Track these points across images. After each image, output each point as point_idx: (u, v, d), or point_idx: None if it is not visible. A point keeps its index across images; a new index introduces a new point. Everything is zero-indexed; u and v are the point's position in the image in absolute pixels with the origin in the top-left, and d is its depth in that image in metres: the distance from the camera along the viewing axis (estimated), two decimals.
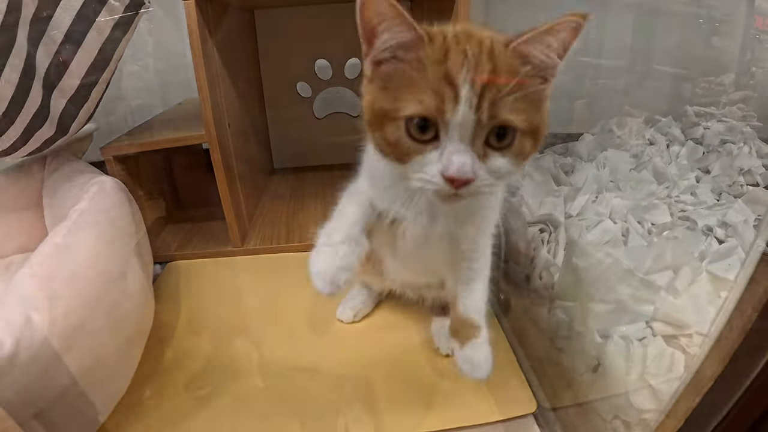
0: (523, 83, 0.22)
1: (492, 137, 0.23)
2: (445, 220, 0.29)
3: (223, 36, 0.56)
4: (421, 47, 0.23)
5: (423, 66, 0.23)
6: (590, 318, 0.40)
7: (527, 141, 0.24)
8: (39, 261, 0.36)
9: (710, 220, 0.48)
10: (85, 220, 0.41)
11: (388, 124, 0.24)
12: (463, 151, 0.22)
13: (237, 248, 0.61)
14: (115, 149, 0.56)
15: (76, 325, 0.34)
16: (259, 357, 0.45)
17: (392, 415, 0.39)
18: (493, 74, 0.22)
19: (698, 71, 0.81)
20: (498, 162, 0.23)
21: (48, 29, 0.45)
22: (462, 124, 0.22)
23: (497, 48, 0.23)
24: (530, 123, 0.23)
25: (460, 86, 0.22)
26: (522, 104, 0.23)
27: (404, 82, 0.23)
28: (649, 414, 0.34)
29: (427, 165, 0.23)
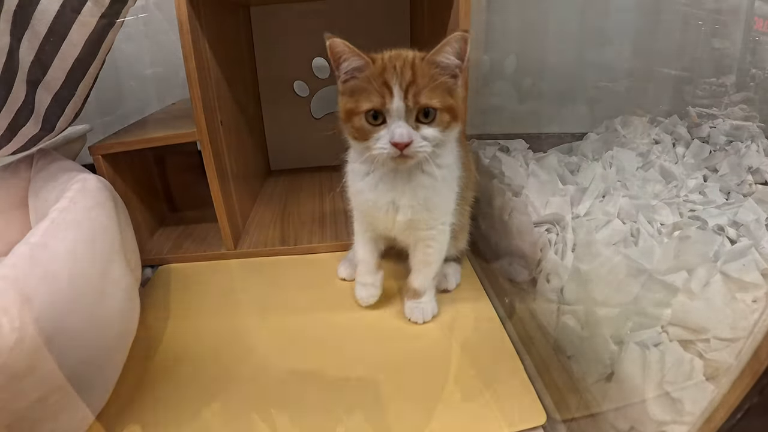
0: (434, 79, 0.35)
1: (420, 115, 0.36)
2: (405, 209, 0.40)
3: (216, 32, 0.54)
4: (368, 68, 0.36)
5: (370, 79, 0.36)
6: (603, 323, 0.38)
7: (445, 115, 0.36)
8: (12, 262, 0.34)
9: (721, 220, 0.47)
10: (64, 219, 0.38)
11: (354, 117, 0.37)
12: (402, 126, 0.35)
13: (230, 251, 0.59)
14: (104, 148, 0.54)
15: (50, 330, 0.32)
16: (253, 362, 0.43)
17: (394, 425, 0.36)
18: (413, 78, 0.35)
19: (699, 73, 0.81)
20: (427, 131, 0.36)
21: (32, 21, 0.43)
22: (397, 109, 0.35)
23: (416, 61, 0.36)
24: (444, 104, 0.36)
25: (393, 87, 0.35)
26: (436, 93, 0.35)
27: (361, 90, 0.36)
28: (669, 426, 0.32)
29: (381, 139, 0.36)
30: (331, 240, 0.60)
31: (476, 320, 0.47)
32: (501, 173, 0.57)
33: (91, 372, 0.36)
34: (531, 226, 0.48)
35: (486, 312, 0.48)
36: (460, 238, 0.49)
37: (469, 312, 0.48)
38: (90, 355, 0.36)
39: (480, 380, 0.40)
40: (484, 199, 0.58)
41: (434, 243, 0.42)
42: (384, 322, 0.47)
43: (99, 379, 0.37)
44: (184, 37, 0.47)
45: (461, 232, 0.48)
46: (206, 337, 0.46)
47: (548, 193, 0.52)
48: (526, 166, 0.58)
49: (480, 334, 0.45)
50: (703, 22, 0.81)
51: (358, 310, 0.49)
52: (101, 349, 0.38)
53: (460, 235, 0.48)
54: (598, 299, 0.39)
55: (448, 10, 0.51)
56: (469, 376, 0.40)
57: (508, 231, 0.51)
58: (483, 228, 0.58)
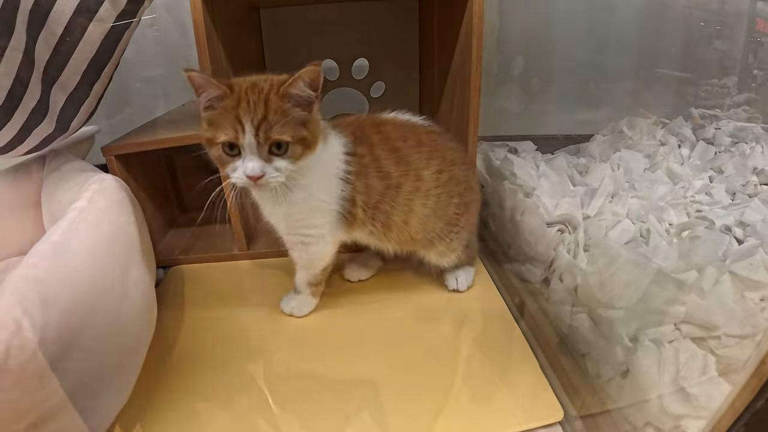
0: (286, 114, 0.37)
1: (273, 148, 0.37)
2: (269, 216, 0.44)
3: (228, 34, 0.55)
4: (226, 97, 0.37)
5: (227, 111, 0.36)
6: (618, 321, 0.38)
7: (297, 148, 0.38)
8: (32, 262, 0.33)
9: (727, 220, 0.48)
10: (84, 219, 0.38)
11: (213, 147, 0.38)
12: (254, 160, 0.37)
13: (242, 252, 0.59)
14: (117, 148, 0.53)
15: (73, 331, 0.32)
16: (265, 362, 0.43)
17: (411, 422, 0.37)
18: (264, 115, 0.36)
19: (701, 74, 0.82)
20: (279, 163, 0.38)
21: (48, 21, 0.43)
22: (249, 144, 0.36)
23: (271, 95, 0.37)
24: (296, 137, 0.37)
25: (245, 124, 0.36)
26: (287, 127, 0.37)
27: (218, 120, 0.37)
28: (685, 420, 0.32)
29: (236, 170, 0.37)
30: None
31: (489, 319, 0.48)
32: (512, 174, 0.58)
33: (112, 372, 0.36)
34: (544, 226, 0.49)
35: (499, 310, 0.48)
36: (455, 247, 0.48)
37: (482, 311, 0.49)
38: (112, 356, 0.36)
39: (496, 377, 0.40)
40: (495, 201, 0.59)
41: (295, 248, 0.45)
42: (396, 321, 0.48)
43: (121, 378, 0.37)
44: (199, 38, 0.48)
45: (447, 241, 0.48)
46: (219, 338, 0.46)
47: (559, 194, 0.53)
48: (536, 167, 0.58)
49: (494, 333, 0.46)
50: (705, 23, 0.82)
51: (368, 311, 0.49)
52: (123, 349, 0.38)
53: (454, 245, 0.48)
54: (613, 298, 0.40)
55: (460, 14, 0.51)
56: (485, 373, 0.41)
57: (520, 231, 0.51)
58: (493, 229, 0.59)
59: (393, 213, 0.44)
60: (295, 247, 0.46)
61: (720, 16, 0.82)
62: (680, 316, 0.37)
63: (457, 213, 0.47)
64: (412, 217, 0.45)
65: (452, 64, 0.57)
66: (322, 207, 0.42)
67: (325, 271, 0.47)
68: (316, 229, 0.43)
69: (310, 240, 0.44)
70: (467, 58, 0.50)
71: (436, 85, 0.64)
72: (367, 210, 0.44)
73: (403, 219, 0.45)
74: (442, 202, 0.46)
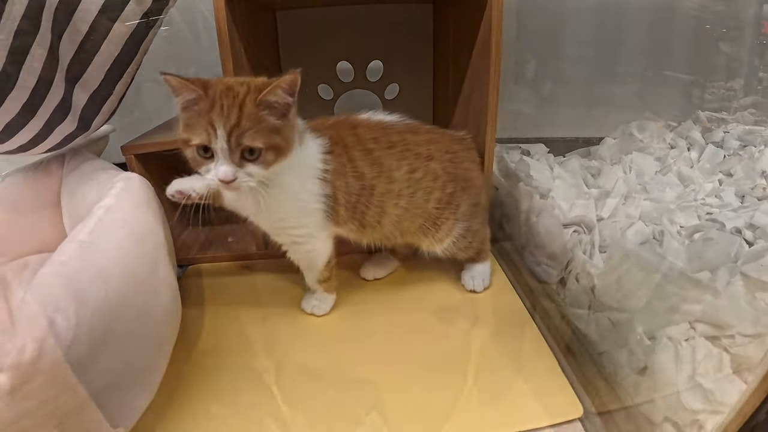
0: (260, 121, 0.37)
1: (246, 153, 0.37)
2: (258, 218, 0.44)
3: (248, 35, 0.55)
4: (201, 100, 0.37)
5: (201, 114, 0.37)
6: (635, 319, 0.40)
7: (270, 154, 0.38)
8: (63, 259, 0.34)
9: (737, 222, 0.49)
10: (111, 218, 0.39)
11: (188, 148, 0.38)
12: (226, 164, 0.37)
13: (260, 251, 0.60)
14: (136, 147, 0.54)
15: (104, 328, 0.32)
16: (279, 362, 0.43)
17: (432, 417, 0.37)
18: (237, 120, 0.36)
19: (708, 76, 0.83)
20: (250, 168, 0.38)
21: (73, 19, 0.43)
22: (222, 149, 0.37)
23: (246, 101, 0.37)
24: (269, 144, 0.37)
25: (217, 129, 0.36)
26: (260, 134, 0.37)
27: (193, 123, 0.37)
28: (702, 414, 0.34)
29: (209, 172, 0.38)
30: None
31: (506, 318, 0.49)
32: (528, 176, 0.59)
33: (141, 369, 0.37)
34: (560, 227, 0.50)
35: (516, 310, 0.49)
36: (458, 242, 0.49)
37: (498, 310, 0.50)
38: (140, 353, 0.37)
39: (515, 374, 0.41)
40: (510, 202, 0.60)
41: (288, 248, 0.47)
42: (412, 320, 0.48)
43: (148, 375, 0.38)
44: (222, 40, 0.48)
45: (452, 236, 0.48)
46: (235, 336, 0.47)
47: (573, 196, 0.54)
48: (551, 169, 0.59)
49: (511, 332, 0.47)
50: (711, 26, 0.83)
51: (383, 310, 0.50)
52: (150, 347, 0.38)
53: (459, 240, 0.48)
54: (630, 297, 0.41)
55: (479, 17, 0.52)
56: (504, 371, 0.42)
57: (536, 233, 0.52)
58: (508, 230, 0.60)
59: (367, 213, 0.45)
60: (289, 248, 0.46)
61: (726, 18, 0.83)
62: (696, 315, 0.38)
63: (437, 207, 0.47)
64: (384, 217, 0.45)
65: (469, 67, 0.57)
66: (305, 207, 0.43)
67: (328, 267, 0.48)
68: (303, 228, 0.44)
69: (299, 240, 0.45)
70: (486, 60, 0.51)
71: (452, 87, 0.65)
72: (348, 209, 0.44)
73: (376, 219, 0.45)
74: (417, 201, 0.46)
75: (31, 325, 0.28)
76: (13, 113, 0.43)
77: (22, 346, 0.27)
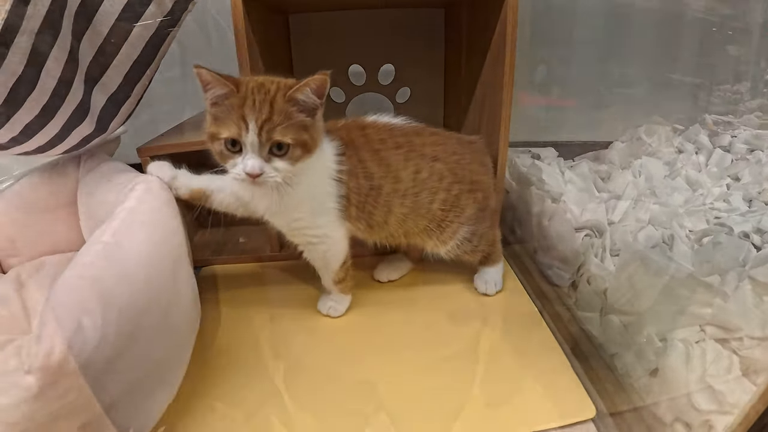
0: (290, 117, 0.38)
1: (274, 149, 0.39)
2: (275, 217, 0.45)
3: (263, 38, 0.55)
4: (232, 95, 0.38)
5: (232, 108, 0.38)
6: (647, 322, 0.40)
7: (297, 150, 0.39)
8: (88, 261, 0.34)
9: (745, 227, 0.50)
10: (134, 220, 0.39)
11: (216, 141, 0.39)
12: (254, 158, 0.38)
13: (274, 253, 0.60)
14: (152, 150, 0.54)
15: (130, 329, 0.33)
16: (291, 363, 0.44)
17: (447, 416, 0.38)
18: (269, 115, 0.37)
19: (714, 79, 0.84)
20: (278, 163, 0.39)
21: (93, 22, 0.43)
22: (252, 143, 0.38)
23: (277, 97, 0.38)
24: (297, 140, 0.39)
25: (249, 123, 0.37)
26: (289, 129, 0.38)
27: (223, 117, 0.38)
28: (713, 415, 0.35)
29: (236, 165, 0.39)
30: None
31: (519, 320, 0.49)
32: (540, 180, 0.60)
33: (163, 369, 0.38)
34: (572, 231, 0.51)
35: (528, 313, 0.50)
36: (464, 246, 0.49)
37: (511, 312, 0.51)
38: (163, 354, 0.37)
39: (528, 375, 0.42)
40: (521, 206, 0.60)
41: (304, 248, 0.47)
42: (425, 322, 0.49)
43: (170, 375, 0.39)
44: (240, 44, 0.48)
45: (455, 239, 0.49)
46: (249, 337, 0.47)
47: (584, 200, 0.54)
48: (562, 174, 0.60)
49: (523, 334, 0.47)
50: (717, 29, 0.84)
51: (396, 312, 0.50)
52: (173, 347, 0.39)
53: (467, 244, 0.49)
54: (642, 300, 0.42)
55: (493, 21, 0.52)
56: (517, 372, 0.42)
57: (549, 236, 0.53)
58: (520, 234, 0.61)
59: (374, 213, 0.46)
60: (305, 248, 0.47)
61: (733, 21, 0.84)
62: (706, 317, 0.39)
63: (442, 209, 0.47)
64: (390, 217, 0.46)
65: (482, 72, 0.58)
66: (321, 207, 0.44)
67: (343, 268, 0.48)
68: (319, 229, 0.45)
69: (315, 240, 0.46)
70: (500, 66, 0.52)
71: (464, 91, 0.65)
72: (358, 208, 0.45)
73: (383, 219, 0.46)
74: (422, 201, 0.46)
75: (59, 327, 0.28)
76: (33, 114, 0.44)
77: (50, 348, 0.27)
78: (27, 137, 0.46)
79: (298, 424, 0.38)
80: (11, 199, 0.56)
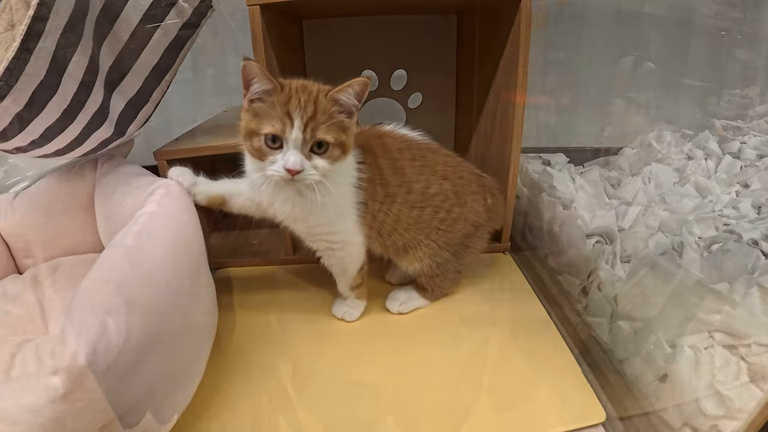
0: (332, 117, 0.39)
1: (315, 147, 0.39)
2: (279, 215, 0.44)
3: (279, 44, 0.56)
4: (275, 93, 0.39)
5: (275, 105, 0.38)
6: (657, 328, 0.41)
7: (336, 150, 0.40)
8: (111, 265, 0.35)
9: (754, 234, 0.50)
10: (155, 224, 0.40)
11: (255, 138, 0.39)
12: (296, 154, 0.38)
13: (289, 256, 0.61)
14: (169, 153, 0.55)
15: (153, 331, 0.33)
16: (302, 365, 0.45)
17: (458, 419, 0.38)
18: (313, 113, 0.38)
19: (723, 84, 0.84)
20: (318, 161, 0.40)
21: (114, 28, 0.44)
22: (295, 139, 0.38)
23: (320, 97, 0.39)
24: (337, 139, 0.40)
25: (294, 119, 0.38)
26: (331, 129, 0.39)
27: (265, 113, 0.39)
28: (721, 420, 0.35)
29: (276, 162, 0.39)
30: None
31: (529, 325, 0.50)
32: (551, 187, 0.60)
33: (184, 371, 0.38)
34: (583, 238, 0.51)
35: (539, 318, 0.51)
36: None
37: (521, 317, 0.51)
38: (183, 356, 0.38)
39: (539, 379, 0.43)
40: (532, 212, 0.61)
41: (323, 254, 0.47)
42: (435, 325, 0.50)
43: (189, 377, 0.39)
44: (257, 51, 0.49)
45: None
46: (262, 339, 0.48)
47: (595, 206, 0.55)
48: (573, 180, 0.61)
49: (534, 338, 0.48)
50: (726, 33, 0.84)
51: (408, 314, 0.51)
52: (192, 349, 0.40)
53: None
54: (652, 306, 0.43)
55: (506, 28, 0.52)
56: (528, 376, 0.43)
57: (560, 242, 0.54)
58: (530, 239, 0.62)
59: (386, 221, 0.46)
60: (323, 253, 0.48)
61: (742, 25, 0.83)
62: (715, 324, 0.40)
63: (439, 228, 0.47)
64: (398, 225, 0.47)
65: (495, 79, 0.58)
66: (341, 213, 0.44)
67: (360, 273, 0.49)
68: (338, 234, 0.45)
69: (334, 246, 0.46)
70: (513, 70, 0.52)
71: (476, 98, 0.66)
72: (373, 216, 0.46)
73: (392, 227, 0.47)
74: (425, 216, 0.47)
75: (84, 329, 0.29)
76: (54, 118, 0.44)
77: (76, 350, 0.28)
78: (47, 140, 0.47)
79: (305, 425, 0.38)
80: (29, 201, 0.57)
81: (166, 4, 0.44)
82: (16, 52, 0.37)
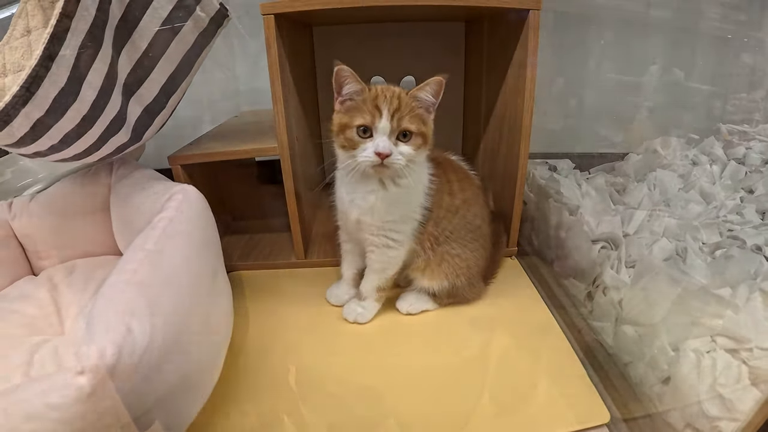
0: (413, 110, 0.45)
1: (400, 136, 0.45)
2: (355, 207, 0.48)
3: (291, 51, 0.57)
4: (364, 93, 0.45)
5: (365, 102, 0.44)
6: (661, 332, 0.42)
7: (418, 139, 0.45)
8: (133, 268, 0.36)
9: (758, 240, 0.51)
10: (174, 228, 0.41)
11: (347, 130, 0.45)
12: (385, 140, 0.44)
13: (300, 260, 0.62)
14: (183, 158, 0.56)
15: (176, 332, 0.34)
16: (302, 366, 0.45)
17: (464, 418, 0.39)
18: (398, 106, 0.44)
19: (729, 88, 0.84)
20: (403, 148, 0.45)
21: (133, 36, 0.45)
22: (383, 128, 0.44)
23: (402, 95, 0.45)
24: (419, 129, 0.45)
25: (383, 110, 0.43)
26: (414, 120, 0.45)
27: (355, 109, 0.45)
28: (722, 422, 0.37)
29: (367, 149, 0.44)
30: None
31: (536, 328, 0.51)
32: (558, 193, 0.61)
33: (202, 373, 0.39)
34: (589, 243, 0.52)
35: (545, 321, 0.52)
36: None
37: (528, 321, 0.52)
38: (204, 357, 0.39)
39: (544, 381, 0.44)
40: (539, 217, 0.62)
41: (377, 250, 0.50)
42: (442, 329, 0.51)
43: (206, 379, 0.40)
44: (272, 58, 0.50)
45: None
46: (267, 340, 0.49)
47: (601, 212, 0.56)
48: (579, 186, 0.62)
49: (540, 341, 0.49)
50: (732, 36, 0.84)
51: (415, 317, 0.52)
52: (210, 351, 0.41)
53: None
54: (656, 311, 0.44)
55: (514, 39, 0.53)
56: (533, 378, 0.44)
57: (566, 248, 0.55)
58: (536, 244, 0.63)
59: (446, 229, 0.50)
60: (376, 249, 0.50)
61: (748, 29, 0.83)
62: (717, 329, 0.41)
63: (471, 252, 0.51)
64: (451, 237, 0.51)
65: (503, 85, 0.59)
66: (410, 216, 0.49)
67: (393, 276, 0.52)
68: (400, 234, 0.49)
69: (392, 244, 0.49)
70: (521, 80, 0.53)
71: (484, 104, 0.66)
72: (435, 223, 0.50)
73: (446, 237, 0.50)
74: (468, 237, 0.52)
75: (109, 330, 0.30)
76: (73, 124, 0.45)
77: (102, 350, 0.28)
78: (66, 145, 0.48)
79: (308, 425, 0.39)
80: (44, 204, 0.58)
81: (183, 14, 0.45)
82: (39, 60, 0.38)
